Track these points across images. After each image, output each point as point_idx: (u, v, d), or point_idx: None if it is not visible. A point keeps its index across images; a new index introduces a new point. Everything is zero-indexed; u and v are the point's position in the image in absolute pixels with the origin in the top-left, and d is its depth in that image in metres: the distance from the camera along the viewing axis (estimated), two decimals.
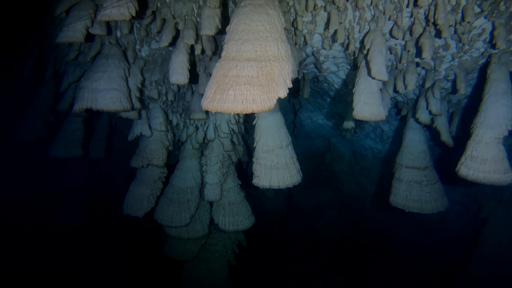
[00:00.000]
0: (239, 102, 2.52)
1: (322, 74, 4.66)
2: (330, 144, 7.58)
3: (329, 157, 7.84)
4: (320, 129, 6.79)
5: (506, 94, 3.30)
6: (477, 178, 3.22)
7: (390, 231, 8.33)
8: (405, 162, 4.46)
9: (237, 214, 4.97)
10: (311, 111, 6.38)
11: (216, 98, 2.59)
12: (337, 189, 8.33)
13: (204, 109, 2.63)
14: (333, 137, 7.28)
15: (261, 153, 4.13)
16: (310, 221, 8.94)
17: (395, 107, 5.12)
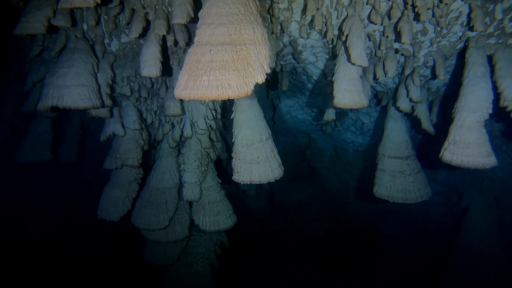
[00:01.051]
0: (214, 88, 2.35)
1: (301, 65, 4.55)
2: (311, 140, 7.50)
3: (310, 153, 7.75)
4: (300, 124, 6.69)
5: (485, 77, 3.27)
6: (461, 163, 3.16)
7: (374, 225, 8.31)
8: (387, 152, 4.40)
9: (218, 214, 4.79)
10: (291, 106, 6.27)
11: (189, 85, 2.42)
12: (320, 186, 8.26)
13: (177, 97, 2.46)
14: (313, 133, 7.19)
15: (240, 148, 3.97)
16: (293, 219, 8.83)
17: (374, 97, 5.07)
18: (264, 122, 4.16)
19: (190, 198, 4.68)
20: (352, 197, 7.72)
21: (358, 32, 3.29)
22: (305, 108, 6.15)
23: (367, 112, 5.67)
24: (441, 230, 7.47)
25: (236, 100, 4.15)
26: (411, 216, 7.92)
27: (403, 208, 7.79)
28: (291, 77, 5.20)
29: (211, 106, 4.59)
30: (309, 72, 4.73)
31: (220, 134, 5.23)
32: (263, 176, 3.91)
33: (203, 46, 2.50)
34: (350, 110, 5.73)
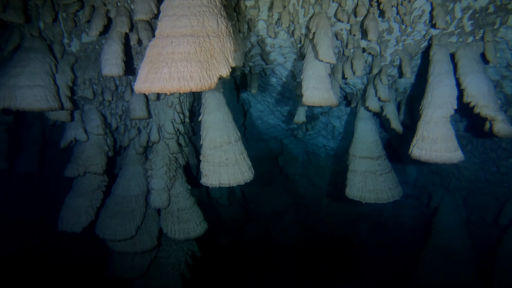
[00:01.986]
0: (175, 80, 2.24)
1: (270, 66, 4.50)
2: (283, 145, 7.45)
3: (282, 160, 7.69)
4: (271, 129, 6.63)
5: (449, 74, 3.32)
6: (429, 158, 3.16)
7: (348, 230, 8.30)
8: (358, 153, 4.39)
9: (187, 221, 4.60)
10: (261, 111, 6.21)
11: (150, 78, 2.29)
12: (293, 192, 8.19)
13: (137, 91, 2.32)
14: (285, 138, 7.15)
15: (208, 150, 3.84)
16: (267, 228, 8.70)
17: (344, 99, 5.08)
18: (233, 123, 4.06)
19: (158, 205, 4.47)
20: (326, 202, 7.70)
21: (325, 29, 3.28)
22: (276, 113, 6.10)
23: (337, 115, 5.68)
24: (414, 232, 7.56)
25: (204, 102, 4.03)
26: (384, 220, 7.98)
27: (376, 212, 7.87)
28: (260, 80, 5.14)
29: (178, 109, 4.44)
30: (278, 73, 4.69)
31: (189, 139, 5.08)
32: (233, 179, 3.78)
33: (164, 38, 2.39)
34: (321, 114, 5.74)
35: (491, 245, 5.77)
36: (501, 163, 5.01)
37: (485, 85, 3.23)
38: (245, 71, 4.66)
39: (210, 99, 4.02)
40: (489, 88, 3.23)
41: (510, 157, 4.86)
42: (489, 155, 4.93)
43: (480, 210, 5.93)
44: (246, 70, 4.64)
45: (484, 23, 3.26)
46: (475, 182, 5.51)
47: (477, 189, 5.70)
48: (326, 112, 5.63)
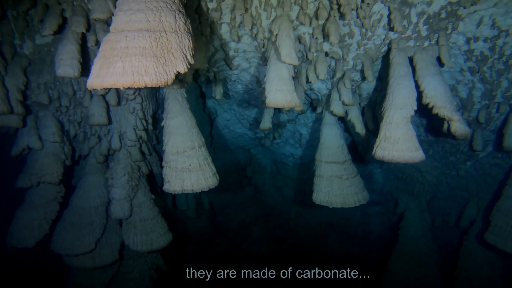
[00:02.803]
0: (129, 74, 2.14)
1: (234, 72, 4.47)
2: (251, 156, 7.39)
3: (251, 170, 7.61)
4: (239, 139, 6.56)
5: (408, 76, 3.40)
6: (392, 158, 3.19)
7: (317, 241, 8.27)
8: (324, 158, 4.39)
9: (150, 232, 4.40)
10: (228, 120, 6.14)
11: (102, 73, 2.18)
12: (262, 203, 8.10)
13: (89, 87, 2.20)
14: (253, 148, 7.10)
15: (171, 156, 3.72)
16: (237, 241, 8.52)
17: (310, 105, 5.12)
18: (196, 129, 3.97)
19: (119, 215, 4.25)
20: (295, 213, 7.65)
21: (287, 31, 3.29)
22: (242, 121, 6.05)
23: (304, 122, 5.71)
24: (382, 240, 7.63)
25: (167, 106, 3.92)
26: (353, 228, 8.02)
27: (344, 220, 7.90)
28: (226, 87, 5.09)
29: (140, 116, 4.30)
30: (244, 80, 4.66)
31: (153, 147, 4.92)
32: (196, 185, 3.66)
33: (118, 33, 2.29)
34: (288, 121, 5.74)
35: (454, 247, 5.90)
36: (460, 166, 5.17)
37: (441, 87, 3.33)
38: (209, 77, 4.60)
39: (173, 104, 3.92)
40: (445, 90, 3.33)
41: (468, 160, 5.02)
42: (449, 159, 5.08)
43: (443, 214, 6.07)
44: (210, 76, 4.58)
45: (438, 28, 3.39)
46: (437, 186, 5.65)
47: (439, 193, 5.84)
48: (293, 119, 5.64)
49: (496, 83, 3.80)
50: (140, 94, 4.18)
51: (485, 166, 4.95)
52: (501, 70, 3.65)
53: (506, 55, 3.51)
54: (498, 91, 3.86)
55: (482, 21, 3.29)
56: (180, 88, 3.88)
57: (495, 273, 5.19)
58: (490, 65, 3.66)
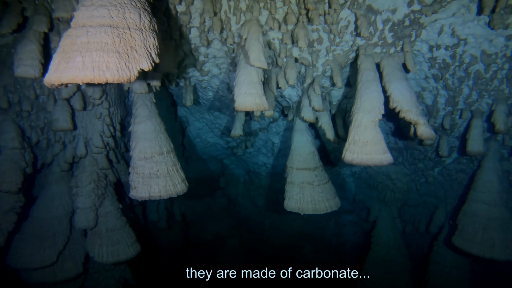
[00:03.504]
0: (89, 69, 2.06)
1: (205, 78, 4.43)
2: (224, 166, 7.31)
3: (224, 181, 7.52)
4: (211, 148, 6.49)
5: (376, 81, 3.47)
6: (361, 161, 3.21)
7: (292, 252, 8.20)
8: (295, 165, 4.38)
9: (117, 242, 4.22)
10: (200, 129, 6.07)
11: (60, 68, 2.09)
12: (236, 214, 8.00)
13: (47, 84, 2.10)
14: (226, 158, 7.03)
15: (138, 161, 3.60)
16: (211, 253, 8.33)
17: (281, 113, 5.13)
18: (165, 135, 3.88)
19: (83, 225, 4.06)
20: (269, 223, 7.58)
21: (256, 35, 3.30)
22: (214, 130, 6.00)
23: (276, 131, 5.71)
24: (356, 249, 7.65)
25: (135, 111, 3.82)
26: (327, 239, 8.02)
27: (319, 231, 7.89)
28: (197, 95, 5.04)
29: (108, 122, 4.17)
30: (214, 86, 4.64)
31: (121, 156, 4.76)
32: (164, 191, 3.55)
33: (79, 28, 2.22)
34: (260, 130, 5.73)
35: (425, 253, 5.98)
36: (429, 173, 5.29)
37: (407, 92, 3.41)
38: (180, 83, 4.54)
39: (141, 108, 3.82)
40: (411, 94, 3.40)
41: (435, 167, 5.15)
42: (418, 165, 5.20)
43: (413, 221, 6.17)
44: (181, 82, 4.52)
45: (403, 35, 3.49)
46: (407, 193, 5.75)
47: (410, 200, 5.95)
48: (265, 128, 5.63)
49: (458, 90, 3.93)
50: (108, 99, 4.07)
51: (451, 172, 5.08)
52: (462, 77, 3.79)
53: (466, 63, 3.64)
54: (460, 98, 4.00)
55: (443, 29, 3.41)
56: (148, 92, 3.80)
57: (463, 277, 5.28)
58: (452, 72, 3.79)
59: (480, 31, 3.34)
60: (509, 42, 3.35)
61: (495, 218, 4.09)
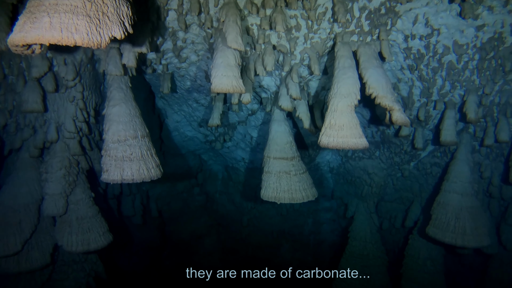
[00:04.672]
0: (57, 30, 2.00)
1: (183, 65, 4.38)
2: (202, 162, 7.22)
3: (202, 177, 7.42)
4: (189, 142, 6.39)
5: (352, 68, 3.51)
6: (337, 144, 3.23)
7: (270, 251, 8.14)
8: (272, 154, 4.37)
9: (88, 231, 4.08)
10: (178, 122, 5.98)
11: (26, 28, 2.02)
12: (214, 212, 7.89)
13: (10, 45, 2.03)
14: (204, 153, 6.94)
15: (111, 144, 3.52)
16: (188, 253, 8.18)
17: (260, 104, 5.12)
18: (140, 119, 3.81)
19: (51, 212, 3.91)
20: (246, 220, 7.51)
21: (233, 18, 3.28)
22: (193, 123, 5.92)
23: (255, 125, 5.69)
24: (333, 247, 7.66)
25: (109, 94, 3.74)
26: (305, 237, 8.00)
27: (297, 228, 7.86)
28: (175, 85, 4.98)
29: (81, 105, 4.06)
30: (192, 74, 4.59)
31: (95, 144, 4.63)
32: (137, 175, 3.47)
33: None
34: (238, 123, 5.70)
35: (401, 249, 6.04)
36: (404, 167, 5.37)
37: (383, 79, 3.46)
38: (157, 70, 4.47)
39: (116, 91, 3.74)
40: (386, 81, 3.46)
41: (411, 161, 5.23)
42: (394, 159, 5.27)
43: (390, 217, 6.23)
44: (159, 69, 4.45)
45: (379, 24, 3.55)
46: (384, 188, 5.82)
47: (386, 196, 6.01)
48: (243, 121, 5.61)
49: (432, 81, 4.02)
50: (81, 82, 3.96)
51: (426, 165, 5.17)
52: (435, 68, 3.87)
53: (439, 53, 3.73)
54: (434, 89, 4.09)
55: (417, 19, 3.48)
56: (123, 75, 3.73)
57: (436, 269, 5.36)
58: (426, 63, 3.87)
59: (452, 21, 3.42)
60: (479, 32, 3.46)
61: (467, 207, 4.18)
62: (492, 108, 4.09)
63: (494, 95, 3.95)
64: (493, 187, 4.78)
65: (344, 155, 5.71)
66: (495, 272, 5.41)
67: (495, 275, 5.41)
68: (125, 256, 6.61)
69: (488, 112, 4.15)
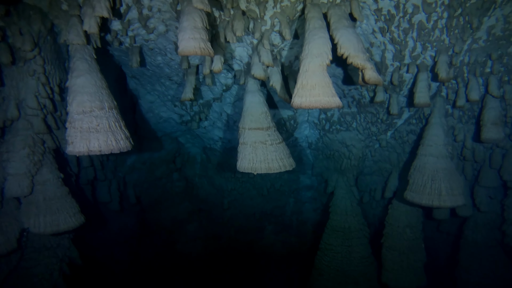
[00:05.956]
0: None
1: (151, 37, 4.22)
2: (180, 145, 7.06)
3: (180, 161, 7.27)
4: (165, 124, 6.23)
5: (323, 28, 3.44)
6: (310, 103, 3.17)
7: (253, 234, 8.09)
8: (247, 125, 4.28)
9: (57, 212, 3.90)
10: (152, 102, 5.81)
11: None
12: (194, 197, 7.76)
13: None
14: (181, 136, 6.79)
15: (75, 115, 3.35)
16: (169, 240, 8.04)
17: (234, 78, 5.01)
18: (108, 91, 3.65)
19: (15, 192, 3.71)
20: (227, 203, 7.42)
21: None
22: (167, 103, 5.76)
23: (230, 102, 5.58)
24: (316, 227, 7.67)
25: (72, 65, 3.56)
26: (287, 218, 7.98)
27: (279, 209, 7.82)
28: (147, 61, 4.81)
29: (43, 80, 3.86)
30: (162, 48, 4.43)
31: (62, 123, 4.43)
32: (105, 146, 3.32)
33: None
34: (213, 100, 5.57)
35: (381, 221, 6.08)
36: (382, 137, 5.37)
37: (354, 38, 3.40)
38: (124, 43, 4.29)
39: (79, 62, 3.57)
40: (358, 40, 3.41)
41: (388, 130, 5.24)
42: (371, 129, 5.26)
43: (370, 190, 6.26)
44: (125, 41, 4.28)
45: None
46: (363, 160, 5.82)
47: (365, 168, 6.03)
48: (218, 98, 5.49)
49: (403, 43, 4.00)
50: (42, 55, 3.76)
51: (402, 134, 5.19)
52: (406, 29, 3.85)
53: (409, 13, 3.70)
54: (406, 51, 4.07)
55: None
56: (86, 44, 3.55)
57: (416, 235, 5.41)
58: (396, 24, 3.84)
59: None
60: None
61: (442, 168, 4.21)
62: (463, 68, 4.11)
63: (463, 54, 3.97)
64: (467, 150, 4.84)
65: (322, 128, 5.67)
66: (470, 234, 5.53)
67: (470, 237, 5.53)
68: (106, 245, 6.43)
69: (459, 73, 4.17)
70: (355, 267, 5.72)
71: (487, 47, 3.88)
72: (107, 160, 5.88)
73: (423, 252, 5.42)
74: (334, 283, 5.71)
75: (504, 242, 5.45)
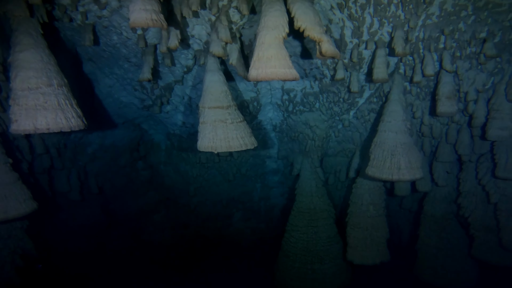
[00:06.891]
0: None
1: (104, 14, 4.03)
2: (143, 132, 6.87)
3: (144, 149, 7.08)
4: (126, 110, 6.02)
5: (279, 1, 3.43)
6: (265, 75, 3.13)
7: (221, 221, 8.04)
8: (207, 104, 4.20)
9: (5, 198, 3.69)
10: (111, 86, 5.59)
11: None
12: (160, 186, 7.60)
13: None
14: (143, 122, 6.60)
15: (20, 92, 3.17)
16: (137, 231, 7.85)
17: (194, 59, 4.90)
18: (57, 68, 3.46)
19: None
20: (194, 190, 7.31)
21: None
22: (127, 87, 5.57)
23: (192, 84, 5.47)
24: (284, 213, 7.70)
25: (15, 39, 3.35)
26: (255, 204, 7.97)
27: (246, 195, 7.79)
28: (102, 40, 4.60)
29: None
30: (117, 26, 4.25)
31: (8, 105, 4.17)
32: (53, 124, 3.16)
33: None
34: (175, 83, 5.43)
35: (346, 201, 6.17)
36: (344, 117, 5.43)
37: (311, 11, 3.39)
38: (75, 19, 4.08)
39: (22, 36, 3.36)
40: (314, 14, 3.39)
41: (350, 109, 5.30)
42: (334, 109, 5.30)
43: (335, 171, 6.33)
44: (77, 19, 4.06)
45: None
46: (327, 141, 5.87)
47: (330, 149, 6.08)
48: (180, 80, 5.35)
49: (361, 19, 4.02)
50: None
51: (364, 113, 5.27)
52: (363, 4, 3.87)
53: None
54: (364, 27, 4.10)
55: None
56: (30, 17, 3.34)
57: (379, 212, 5.53)
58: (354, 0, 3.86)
59: None
60: None
61: (401, 143, 4.30)
62: (418, 44, 4.19)
63: (418, 30, 4.04)
64: (425, 126, 4.98)
65: (285, 109, 5.66)
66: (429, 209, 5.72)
67: (429, 211, 5.73)
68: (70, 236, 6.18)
69: (415, 49, 4.25)
70: (321, 247, 5.79)
71: (440, 22, 3.97)
72: (64, 147, 5.64)
73: (386, 228, 5.55)
74: (300, 263, 5.77)
75: (459, 214, 5.68)
